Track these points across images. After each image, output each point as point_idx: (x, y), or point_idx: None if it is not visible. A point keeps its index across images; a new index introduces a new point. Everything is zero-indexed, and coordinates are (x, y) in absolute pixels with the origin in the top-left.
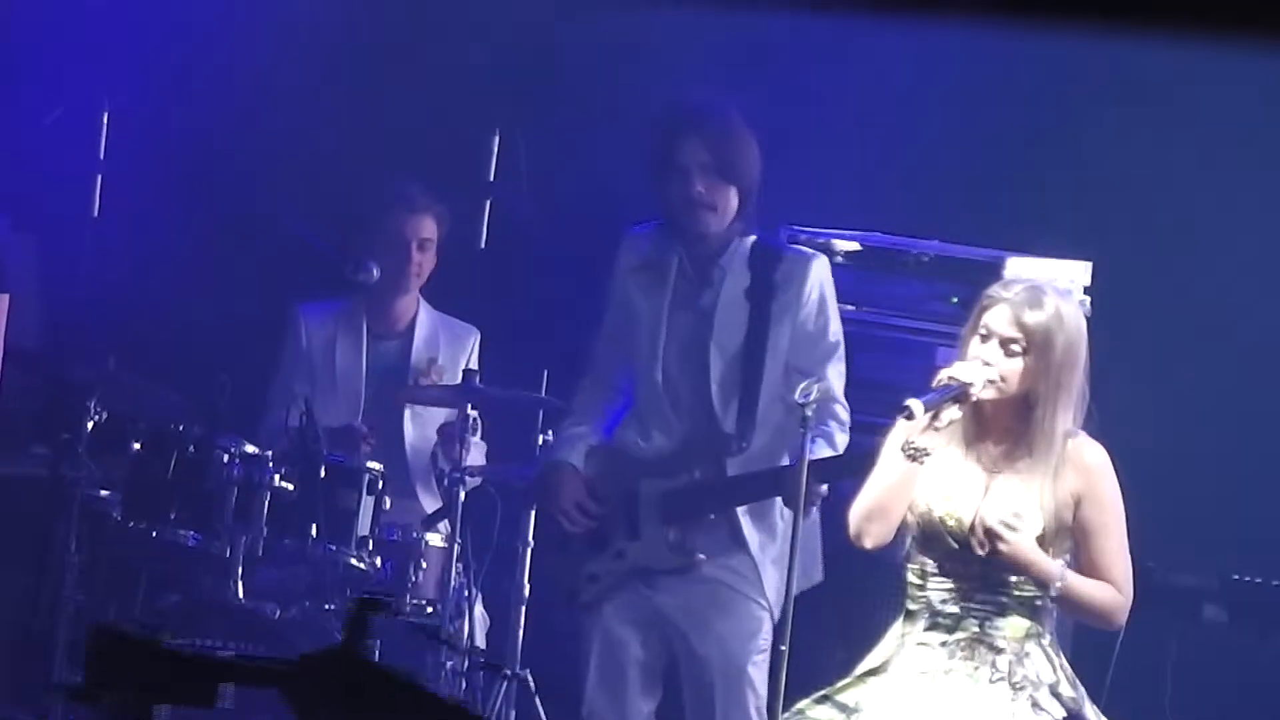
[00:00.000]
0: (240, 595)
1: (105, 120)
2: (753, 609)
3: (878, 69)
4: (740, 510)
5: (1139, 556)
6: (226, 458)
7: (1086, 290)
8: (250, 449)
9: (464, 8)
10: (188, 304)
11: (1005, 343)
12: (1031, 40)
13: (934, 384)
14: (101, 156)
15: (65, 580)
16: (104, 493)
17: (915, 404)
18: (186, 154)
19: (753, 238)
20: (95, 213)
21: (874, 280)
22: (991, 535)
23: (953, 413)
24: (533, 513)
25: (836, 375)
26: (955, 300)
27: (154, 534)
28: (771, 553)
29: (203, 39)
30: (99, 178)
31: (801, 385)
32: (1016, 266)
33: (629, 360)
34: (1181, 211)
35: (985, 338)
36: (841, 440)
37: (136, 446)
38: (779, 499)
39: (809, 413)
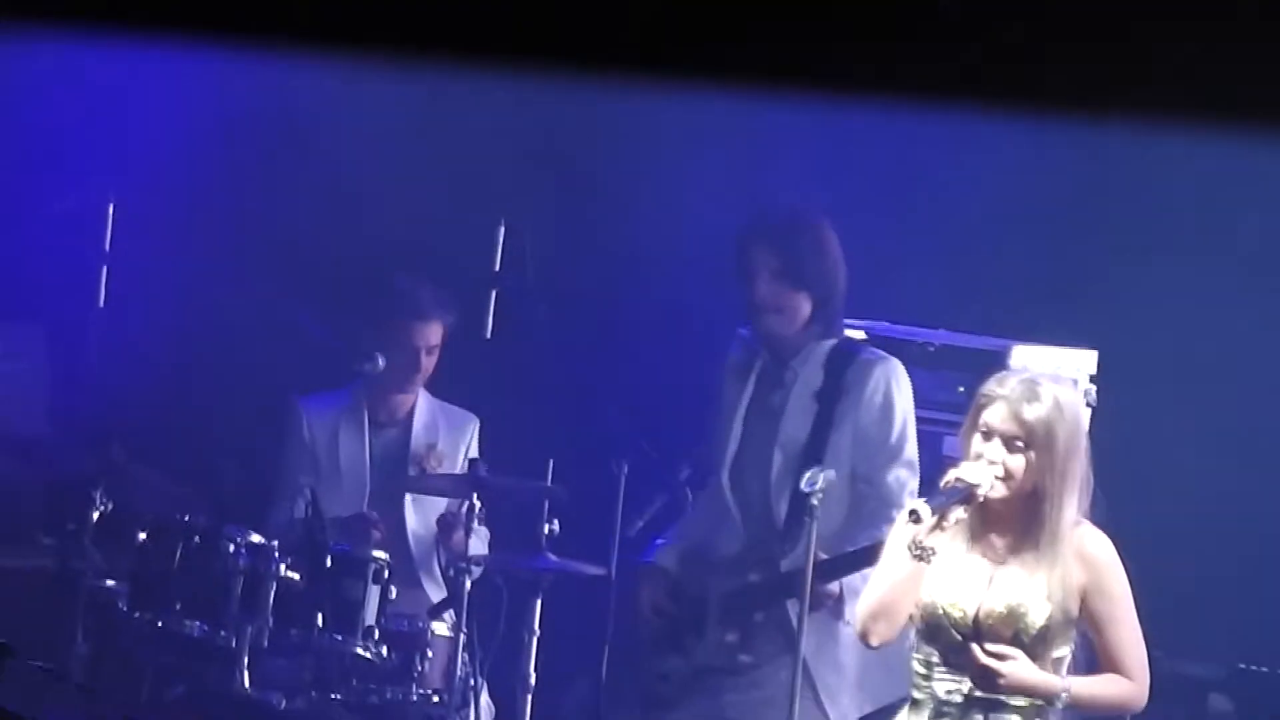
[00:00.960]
0: (246, 685)
1: (111, 211)
2: (810, 713)
3: (882, 156)
4: (793, 613)
5: (1147, 644)
6: (232, 548)
7: (1092, 379)
8: (256, 539)
9: (469, 99)
10: (192, 394)
11: (1007, 440)
12: (1037, 129)
13: (942, 485)
14: (107, 246)
15: (72, 671)
16: (110, 583)
17: (922, 507)
18: (190, 244)
19: (833, 341)
20: (101, 303)
21: None
22: (989, 673)
23: (959, 513)
24: (539, 602)
25: (897, 479)
26: (962, 389)
27: (160, 624)
28: (830, 655)
29: (208, 130)
30: (105, 268)
31: (807, 474)
32: (1022, 355)
33: (710, 461)
34: (1186, 299)
35: (986, 435)
36: None
37: (142, 536)
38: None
39: (814, 502)
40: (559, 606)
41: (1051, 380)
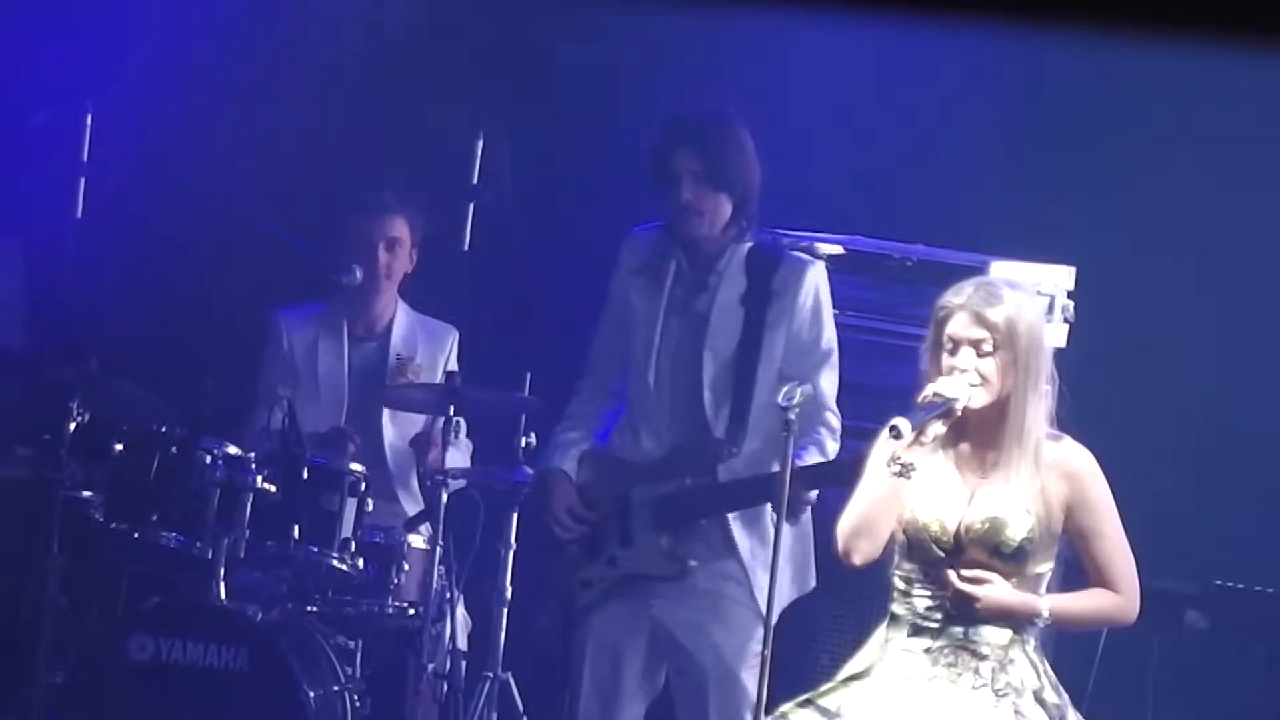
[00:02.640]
0: (222, 597)
1: (89, 122)
2: (745, 615)
3: (859, 71)
4: (731, 516)
5: None
6: (209, 459)
7: (1070, 294)
8: (233, 451)
9: (448, 11)
10: (171, 306)
11: (974, 344)
12: (1015, 42)
13: (919, 400)
14: (85, 159)
15: (47, 582)
16: (86, 494)
17: (903, 423)
18: (169, 156)
19: (750, 243)
20: (79, 215)
21: (857, 285)
22: (965, 598)
23: (938, 428)
24: (515, 515)
25: (829, 383)
26: None
27: (136, 535)
28: (763, 559)
29: (186, 40)
30: (82, 180)
31: (784, 389)
32: (1001, 270)
33: (624, 363)
34: (1164, 213)
35: (953, 349)
36: (832, 448)
37: (119, 448)
38: (770, 505)
39: (792, 416)
40: (536, 520)
41: (1007, 284)
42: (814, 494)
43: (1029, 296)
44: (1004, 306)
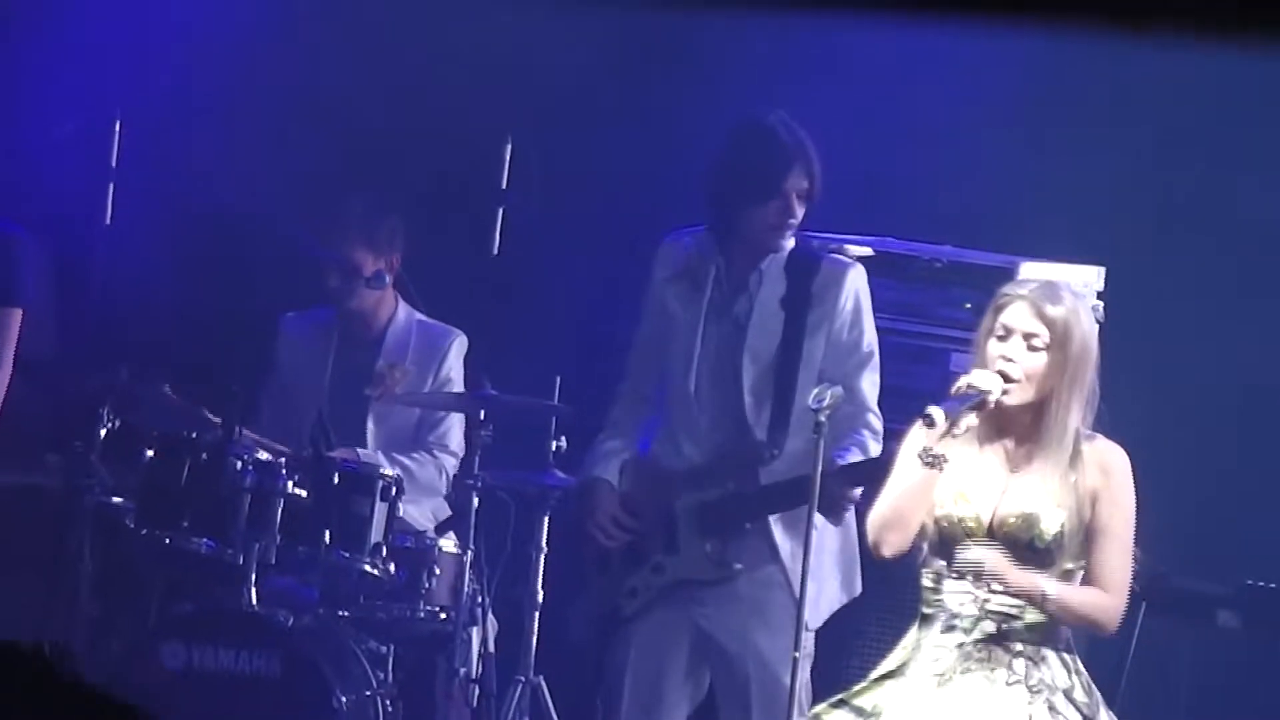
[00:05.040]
0: (254, 602)
1: (117, 129)
2: (789, 619)
3: (890, 74)
4: (773, 521)
5: (1153, 562)
6: (240, 465)
7: (1099, 295)
8: (263, 456)
9: (475, 15)
10: (199, 312)
11: (1027, 337)
12: (1045, 44)
13: (953, 391)
14: (114, 165)
15: (79, 589)
16: (117, 500)
17: (937, 411)
18: (197, 163)
19: (791, 245)
20: (108, 221)
21: (886, 286)
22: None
23: (970, 419)
24: (547, 519)
25: (870, 385)
26: (968, 306)
27: (167, 541)
28: (806, 563)
29: (214, 48)
30: (111, 186)
31: (815, 391)
32: (1030, 271)
33: (664, 370)
34: (1195, 215)
35: (1004, 337)
36: (875, 449)
37: (150, 454)
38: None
39: (822, 418)
40: (566, 524)
41: (1069, 288)
42: (856, 493)
43: (1087, 306)
44: (1063, 307)
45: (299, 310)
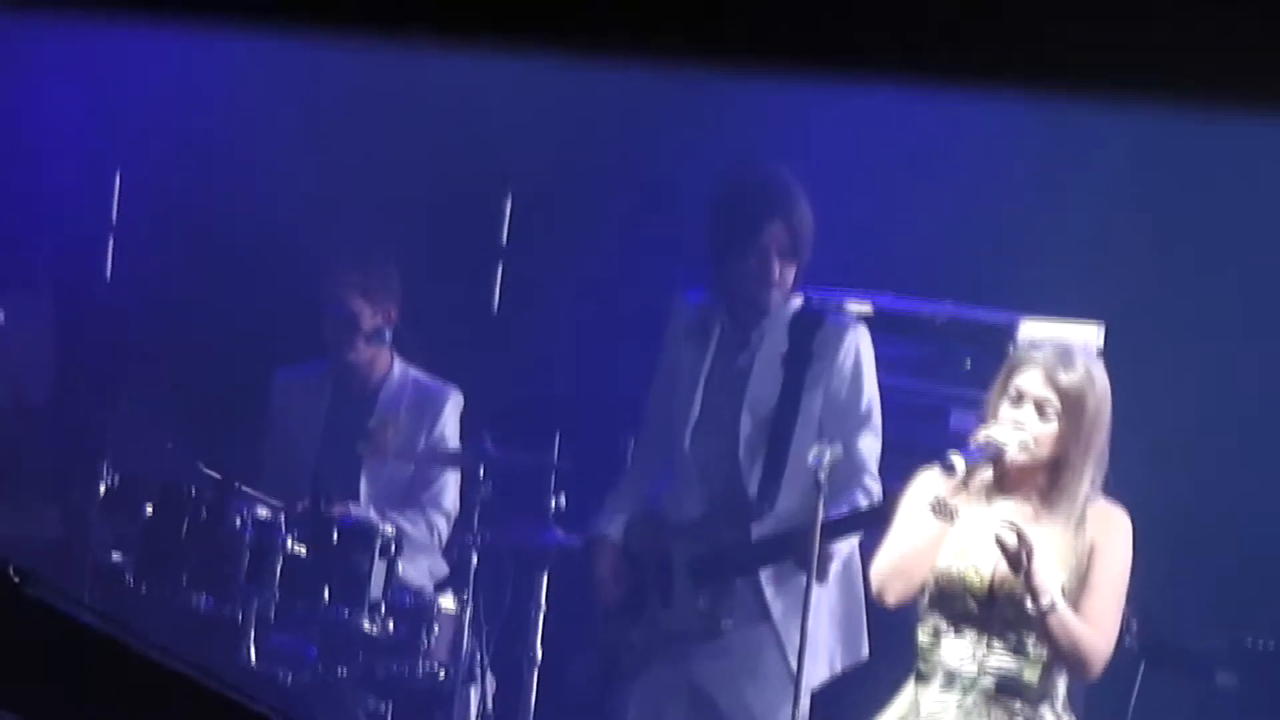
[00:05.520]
0: (252, 659)
1: (117, 184)
2: (779, 677)
3: (889, 132)
4: (764, 579)
5: (1154, 621)
6: (239, 521)
7: (1098, 352)
8: (263, 512)
9: (475, 73)
10: (199, 364)
11: (1039, 404)
12: (1042, 105)
13: (971, 443)
14: (114, 220)
15: None
16: (116, 555)
17: (958, 459)
18: (197, 217)
19: (797, 302)
20: (108, 277)
21: (887, 342)
22: (1015, 553)
23: (986, 473)
24: (545, 576)
25: (868, 445)
26: (969, 363)
27: (166, 597)
28: (798, 622)
29: (214, 104)
30: (111, 239)
31: (814, 449)
32: (1030, 329)
33: (668, 424)
34: (1193, 273)
35: (1017, 400)
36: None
37: (149, 509)
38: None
39: (821, 477)
40: (566, 581)
41: (1084, 352)
42: (840, 546)
43: (1101, 369)
44: (1077, 374)
45: (295, 363)
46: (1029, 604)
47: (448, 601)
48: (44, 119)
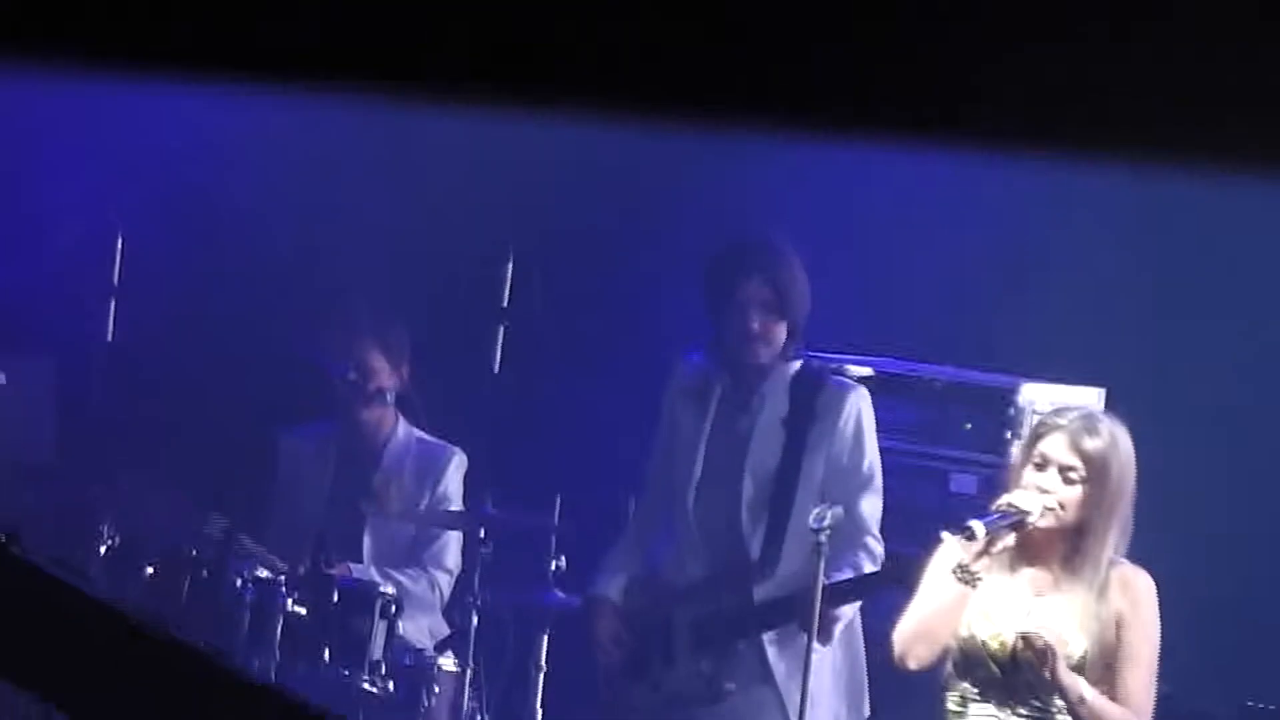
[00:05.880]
0: None
1: (120, 244)
2: None
3: (886, 194)
4: (766, 641)
5: (1160, 683)
6: (240, 581)
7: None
8: (263, 574)
9: (477, 135)
10: (201, 425)
11: (1064, 470)
12: (1041, 166)
13: (993, 509)
14: (116, 280)
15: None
16: None
17: (978, 525)
18: (197, 278)
19: (797, 365)
20: (109, 337)
21: (886, 406)
22: (1043, 650)
23: (1007, 539)
24: (546, 638)
25: (870, 508)
26: (969, 426)
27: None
28: (799, 681)
29: (216, 159)
30: (113, 300)
31: (815, 511)
32: (1030, 392)
33: (669, 485)
34: (1195, 336)
35: (1041, 466)
36: (870, 572)
37: (149, 570)
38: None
39: (822, 539)
40: (567, 642)
41: (1108, 418)
42: (844, 611)
43: (1126, 434)
44: (1102, 441)
45: (299, 424)
46: (1059, 701)
47: (448, 662)
48: (46, 178)
